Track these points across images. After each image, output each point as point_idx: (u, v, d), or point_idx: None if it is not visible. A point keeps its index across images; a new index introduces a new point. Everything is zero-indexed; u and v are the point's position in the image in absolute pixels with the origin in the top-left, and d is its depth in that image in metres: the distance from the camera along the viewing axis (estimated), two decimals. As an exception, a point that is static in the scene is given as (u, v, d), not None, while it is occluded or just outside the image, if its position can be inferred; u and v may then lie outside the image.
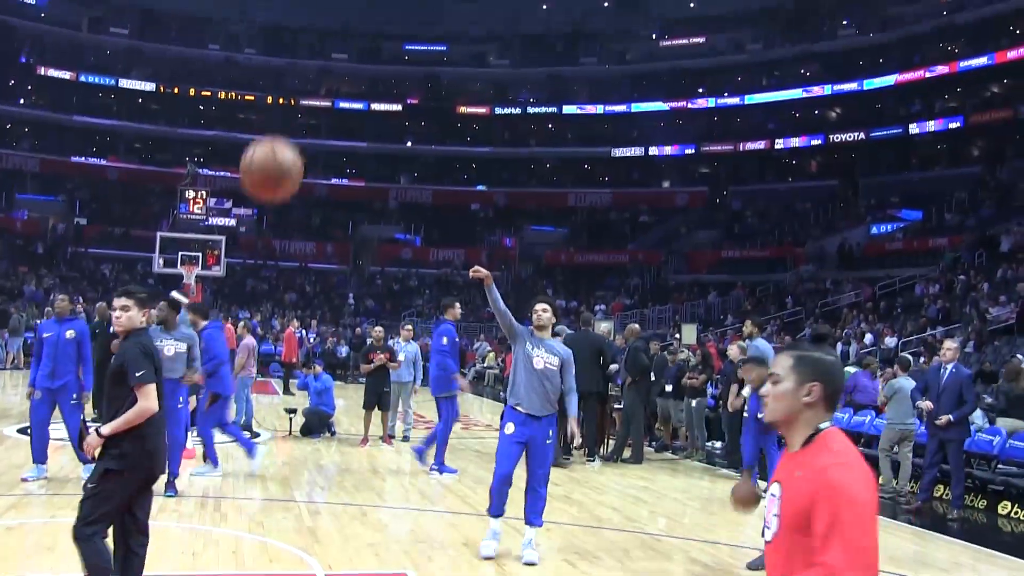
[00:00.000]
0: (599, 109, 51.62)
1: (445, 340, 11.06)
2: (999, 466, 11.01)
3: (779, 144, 47.15)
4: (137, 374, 4.62)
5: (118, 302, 4.89)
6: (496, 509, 6.90)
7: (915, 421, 10.96)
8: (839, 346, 22.96)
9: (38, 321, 19.12)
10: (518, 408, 6.87)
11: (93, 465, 8.85)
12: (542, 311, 7.09)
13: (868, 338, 23.80)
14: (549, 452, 6.93)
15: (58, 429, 9.51)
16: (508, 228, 50.20)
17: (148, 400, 4.62)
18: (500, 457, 6.90)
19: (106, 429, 4.59)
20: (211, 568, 6.19)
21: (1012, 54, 38.01)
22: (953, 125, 40.88)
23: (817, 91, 45.50)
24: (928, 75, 41.38)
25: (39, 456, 8.99)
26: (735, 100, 48.15)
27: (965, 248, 30.01)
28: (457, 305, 11.59)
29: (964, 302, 24.85)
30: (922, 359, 18.21)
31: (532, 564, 6.68)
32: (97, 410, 14.09)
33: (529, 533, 6.90)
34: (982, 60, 39.15)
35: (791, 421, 2.55)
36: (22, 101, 48.88)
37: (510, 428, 6.84)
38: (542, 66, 52.14)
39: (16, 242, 42.53)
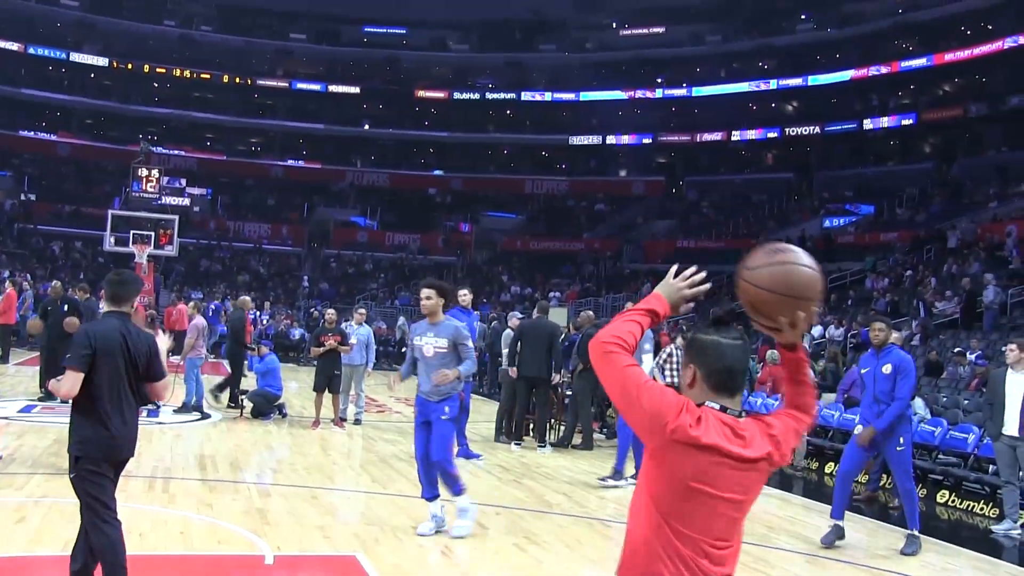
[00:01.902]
0: (558, 96, 51.66)
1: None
2: (939, 456, 11.26)
3: (736, 136, 47.51)
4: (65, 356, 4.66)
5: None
6: (427, 492, 7.21)
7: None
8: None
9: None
10: (420, 393, 7.26)
11: None
12: (425, 299, 7.20)
13: (817, 330, 24.11)
14: (445, 430, 7.13)
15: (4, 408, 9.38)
16: (465, 214, 50.15)
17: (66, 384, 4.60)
18: (415, 443, 7.31)
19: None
20: (159, 549, 6.18)
21: (964, 53, 38.71)
22: (906, 122, 41.50)
23: (774, 84, 45.90)
24: (883, 72, 41.92)
25: None
26: (693, 91, 48.41)
27: (912, 243, 30.50)
28: (462, 291, 11.78)
29: (912, 296, 25.26)
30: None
31: (460, 537, 6.95)
32: (44, 389, 13.97)
33: (458, 502, 7.13)
34: (935, 59, 39.77)
35: None
36: (-32, 73, 47.94)
37: (414, 412, 7.37)
38: (502, 52, 52.08)
39: (-38, 218, 41.80)
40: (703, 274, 2.63)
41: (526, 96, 51.96)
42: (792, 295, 2.53)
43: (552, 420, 13.61)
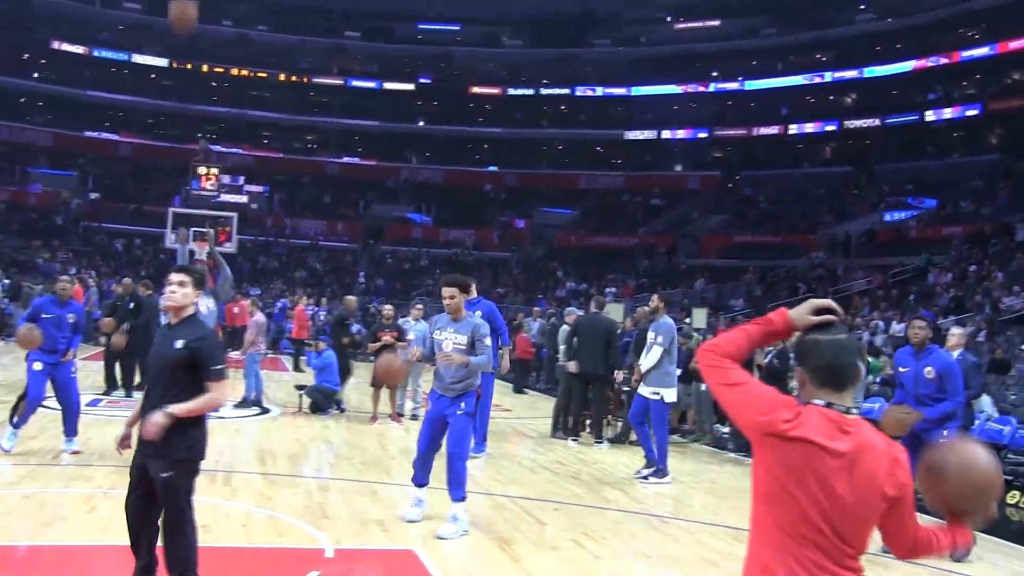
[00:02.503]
0: (611, 91, 51.48)
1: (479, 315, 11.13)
2: (1009, 456, 11.03)
3: (793, 129, 47.01)
4: (218, 367, 4.60)
5: (175, 277, 4.76)
6: (416, 479, 7.33)
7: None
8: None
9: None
10: (435, 388, 7.25)
11: (75, 439, 8.91)
12: (448, 298, 7.23)
13: (879, 325, 23.77)
14: (463, 424, 7.06)
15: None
16: (519, 209, 50.17)
17: (223, 392, 4.65)
18: (421, 435, 7.32)
19: (176, 408, 4.47)
20: (221, 541, 6.24)
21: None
22: (971, 112, 40.67)
23: (832, 77, 45.29)
24: (946, 61, 41.13)
25: (21, 424, 8.98)
26: (749, 84, 47.96)
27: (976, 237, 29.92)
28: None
29: (977, 291, 24.78)
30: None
31: (441, 538, 6.77)
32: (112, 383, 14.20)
33: (453, 508, 7.00)
34: (999, 48, 38.90)
35: None
36: (36, 75, 48.97)
37: (426, 405, 7.44)
38: (554, 47, 51.98)
39: (30, 216, 42.71)
40: (837, 310, 2.71)
41: (580, 91, 51.86)
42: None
43: (609, 416, 13.57)
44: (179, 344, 4.57)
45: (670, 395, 10.08)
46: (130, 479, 4.68)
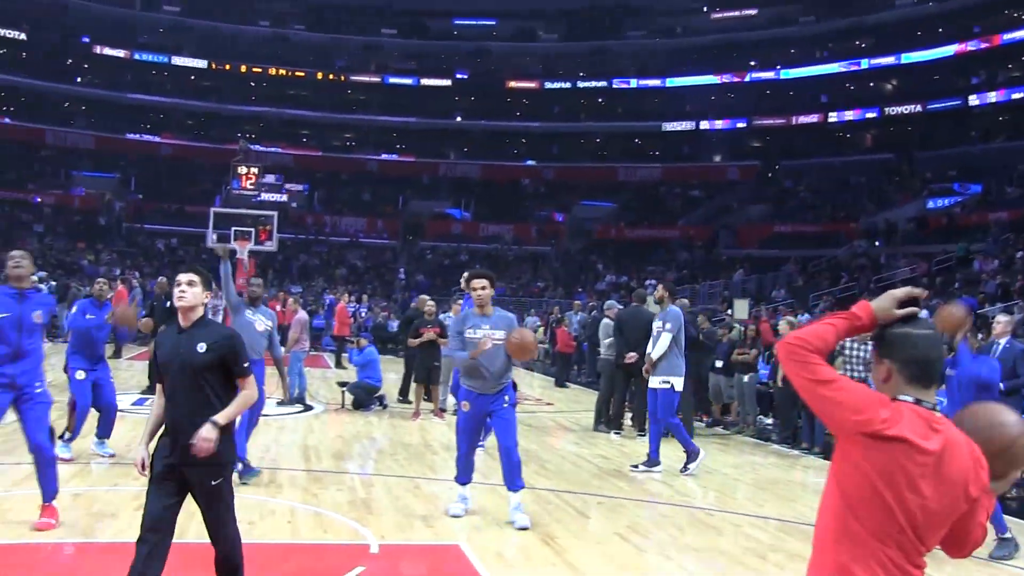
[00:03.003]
0: (648, 83, 51.25)
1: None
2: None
3: (832, 117, 46.55)
4: (246, 364, 4.53)
5: (184, 277, 4.62)
6: (461, 478, 7.38)
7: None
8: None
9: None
10: (471, 388, 7.20)
11: (107, 441, 8.90)
12: (481, 288, 7.15)
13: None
14: (510, 415, 7.14)
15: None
16: (558, 203, 50.14)
17: (254, 388, 4.59)
18: (459, 435, 7.37)
19: (222, 418, 4.39)
20: (268, 537, 6.30)
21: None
22: (1016, 96, 39.93)
23: (871, 63, 44.74)
24: (987, 45, 40.47)
25: (74, 437, 8.88)
26: (787, 73, 47.53)
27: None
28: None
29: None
30: (979, 335, 17.90)
31: (524, 528, 6.86)
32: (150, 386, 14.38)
33: (513, 498, 7.05)
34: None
35: None
36: (78, 80, 49.61)
37: (466, 406, 7.24)
38: (590, 40, 51.83)
39: (74, 219, 43.32)
40: (920, 295, 2.66)
41: (616, 84, 51.69)
42: None
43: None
44: (202, 348, 4.42)
45: (679, 383, 9.99)
46: (159, 490, 4.44)
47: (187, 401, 4.42)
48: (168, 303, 14.04)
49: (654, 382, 10.03)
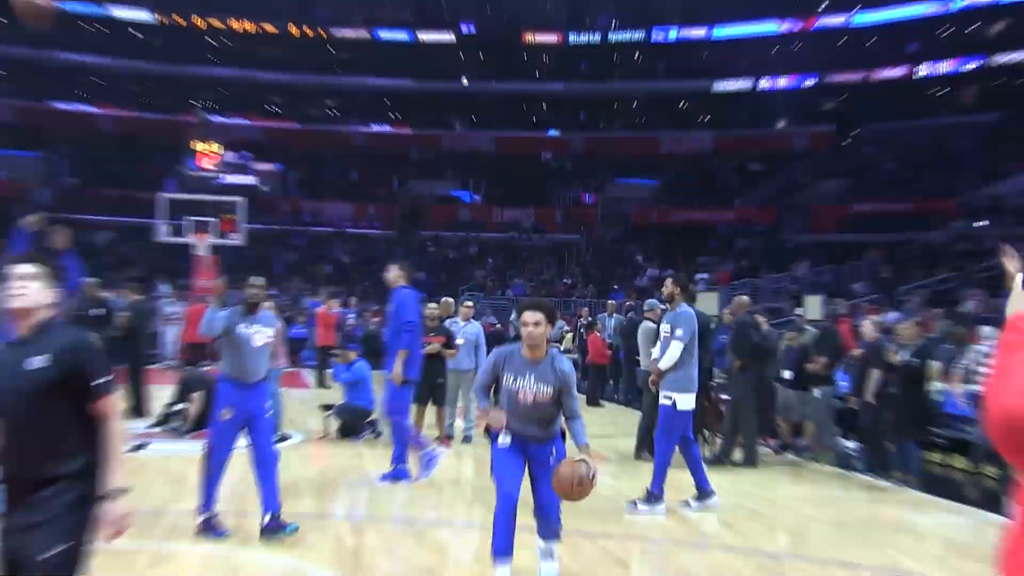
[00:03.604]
0: (696, 34, 51.10)
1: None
2: None
3: (923, 71, 46.28)
4: (103, 380, 4.02)
5: (20, 270, 4.08)
6: (500, 546, 6.49)
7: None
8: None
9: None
10: (512, 431, 6.68)
11: None
12: (533, 325, 6.52)
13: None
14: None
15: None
16: (587, 182, 50.10)
17: (118, 416, 4.06)
18: (499, 474, 6.69)
19: (119, 475, 3.99)
20: (234, 598, 6.24)
21: None
22: None
23: (970, 2, 44.43)
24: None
25: None
26: (864, 18, 47.30)
27: None
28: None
29: None
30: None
31: None
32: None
33: (544, 545, 6.85)
34: None
35: None
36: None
37: (506, 439, 6.66)
38: (626, -19, 51.85)
39: (-8, 210, 43.28)
40: None
41: (657, 36, 51.55)
42: None
43: (706, 431, 13.45)
44: (39, 362, 3.89)
45: (685, 401, 9.81)
46: None
47: (23, 443, 3.90)
48: (104, 311, 14.04)
49: (662, 398, 9.97)
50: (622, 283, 38.50)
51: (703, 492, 9.83)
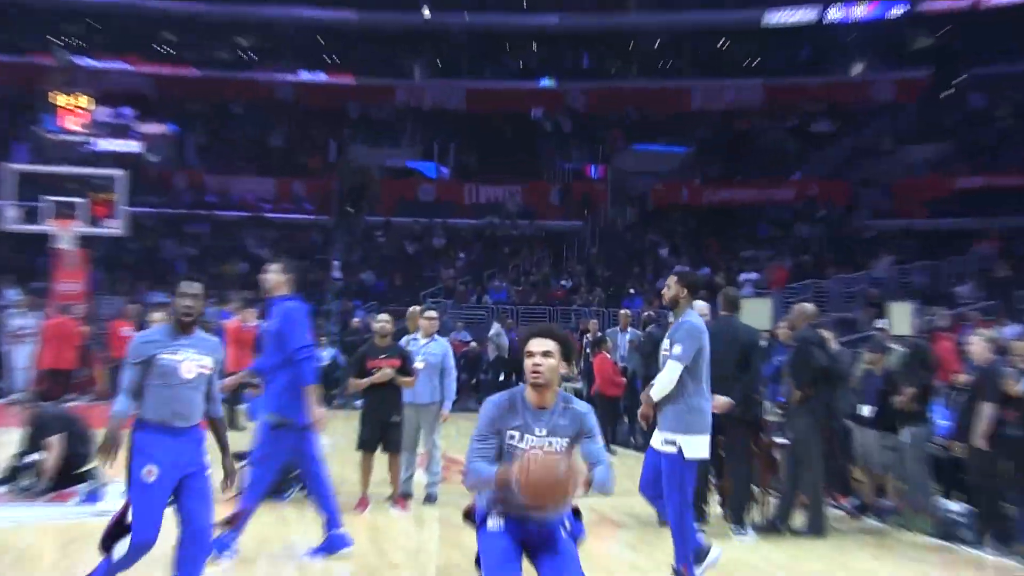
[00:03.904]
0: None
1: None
2: None
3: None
4: None
5: None
6: None
7: None
8: None
9: None
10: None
11: None
12: (541, 355, 6.54)
13: None
14: (572, 553, 6.60)
15: None
16: (592, 148, 50.17)
17: None
18: (492, 564, 6.57)
19: None
20: None
21: None
22: None
23: None
24: None
25: None
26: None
27: None
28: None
29: None
30: None
31: None
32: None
33: None
34: None
35: None
36: None
37: (498, 520, 6.58)
38: None
39: None
40: None
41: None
42: None
43: (756, 487, 13.44)
44: None
45: (694, 446, 9.74)
46: None
47: None
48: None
49: (657, 440, 9.96)
50: (639, 286, 38.53)
51: (698, 555, 9.83)
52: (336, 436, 16.96)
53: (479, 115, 51.83)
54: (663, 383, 9.78)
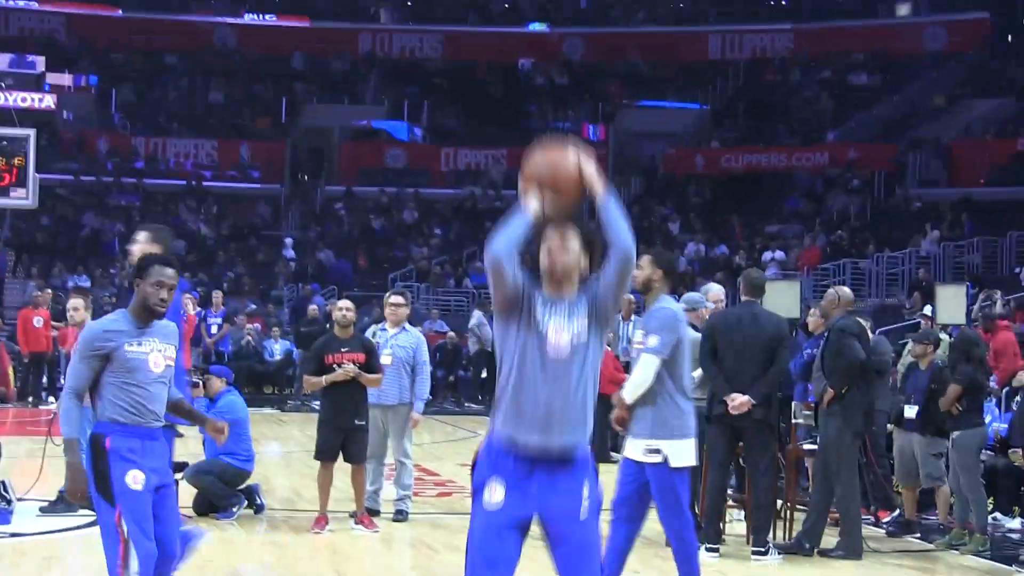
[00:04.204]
0: None
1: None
2: None
3: None
4: None
5: None
6: None
7: None
8: None
9: None
10: (512, 444, 6.36)
11: None
12: (560, 245, 6.38)
13: None
14: (592, 540, 6.53)
15: None
16: (590, 105, 50.17)
17: None
18: (476, 561, 6.38)
19: None
20: None
21: None
22: None
23: None
24: None
25: None
26: None
27: None
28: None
29: None
30: None
31: None
32: None
33: None
34: None
35: None
36: None
37: (495, 494, 6.35)
38: None
39: None
40: None
41: None
42: None
43: (781, 502, 13.55)
44: None
45: (680, 452, 9.73)
46: None
47: None
48: None
49: (634, 450, 9.89)
50: (647, 267, 38.54)
51: None
52: (290, 444, 17.08)
53: (458, 66, 51.87)
54: (638, 381, 9.70)
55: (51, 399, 17.18)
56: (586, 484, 6.29)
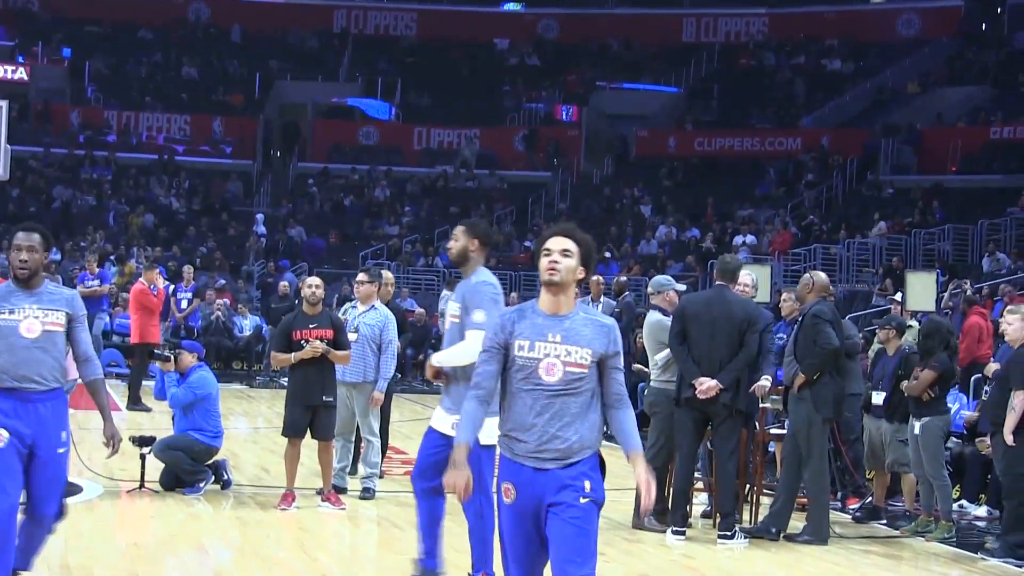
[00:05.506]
0: None
1: None
2: None
3: None
4: None
5: None
6: None
7: None
8: None
9: None
10: (515, 443, 6.54)
11: None
12: (560, 253, 6.59)
13: None
14: (582, 525, 6.47)
15: None
16: (564, 87, 50.12)
17: None
18: (510, 550, 6.64)
19: None
20: None
21: None
22: None
23: None
24: None
25: None
26: None
27: None
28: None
29: None
30: None
31: None
32: None
33: None
34: None
35: None
36: None
37: (508, 493, 6.52)
38: None
39: None
40: None
41: None
42: None
43: (749, 486, 13.54)
44: None
45: (488, 430, 9.47)
46: None
47: None
48: None
49: (441, 423, 9.67)
50: (617, 249, 38.52)
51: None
52: (258, 420, 17.00)
53: (431, 44, 51.77)
54: (464, 355, 9.38)
55: None
56: (587, 482, 6.38)
